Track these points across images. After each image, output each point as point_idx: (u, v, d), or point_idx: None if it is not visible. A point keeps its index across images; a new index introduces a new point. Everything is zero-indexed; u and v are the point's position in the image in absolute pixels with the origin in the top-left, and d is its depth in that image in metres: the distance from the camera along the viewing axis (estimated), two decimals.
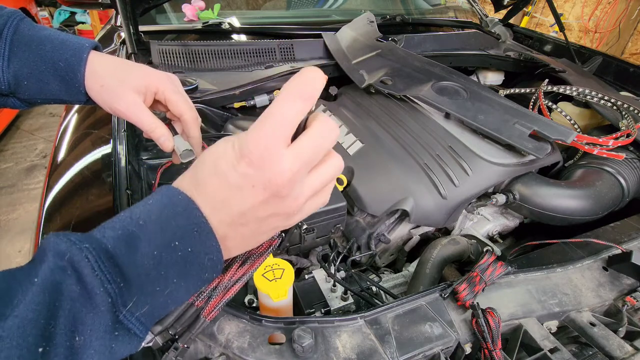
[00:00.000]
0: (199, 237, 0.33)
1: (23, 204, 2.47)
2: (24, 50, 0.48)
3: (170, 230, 0.32)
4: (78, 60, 0.50)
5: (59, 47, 0.50)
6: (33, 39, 0.49)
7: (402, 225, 0.94)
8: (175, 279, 0.33)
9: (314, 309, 0.73)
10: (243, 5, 1.71)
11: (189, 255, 0.33)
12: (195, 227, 0.33)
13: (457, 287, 0.61)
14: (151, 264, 0.31)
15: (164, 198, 0.34)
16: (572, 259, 0.73)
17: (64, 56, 0.50)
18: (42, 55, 0.49)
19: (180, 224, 0.32)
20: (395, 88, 1.09)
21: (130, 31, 1.13)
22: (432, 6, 2.06)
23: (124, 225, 0.32)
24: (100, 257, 0.30)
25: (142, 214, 0.33)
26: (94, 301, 0.29)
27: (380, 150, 0.97)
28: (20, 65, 0.48)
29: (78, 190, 0.76)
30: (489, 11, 1.97)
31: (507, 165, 0.91)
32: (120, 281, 0.30)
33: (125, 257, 0.31)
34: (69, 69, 0.50)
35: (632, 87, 1.41)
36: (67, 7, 4.73)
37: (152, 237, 0.32)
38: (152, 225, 0.32)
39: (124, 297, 0.31)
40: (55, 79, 0.50)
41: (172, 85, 0.55)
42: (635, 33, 3.89)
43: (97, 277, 0.29)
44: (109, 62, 0.52)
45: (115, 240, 0.31)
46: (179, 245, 0.32)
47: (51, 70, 0.49)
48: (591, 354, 0.60)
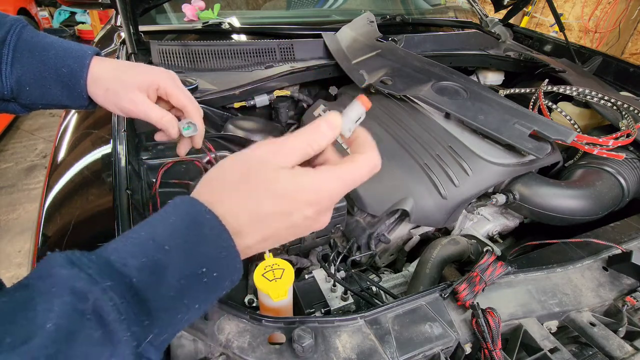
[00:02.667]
0: (225, 262, 0.32)
1: (23, 204, 2.47)
2: (27, 56, 0.49)
3: (197, 257, 0.30)
4: (80, 67, 0.51)
5: (62, 53, 0.51)
6: (36, 46, 0.50)
7: (402, 225, 0.94)
8: (197, 304, 0.31)
9: (314, 309, 0.73)
10: (243, 5, 1.71)
11: (214, 280, 0.31)
12: (223, 251, 0.31)
13: (457, 287, 0.61)
14: (176, 295, 0.29)
15: (188, 216, 0.31)
16: (572, 259, 0.73)
17: (67, 62, 0.50)
18: (45, 61, 0.50)
19: (209, 250, 0.31)
20: (395, 88, 1.09)
21: (130, 31, 1.13)
22: (432, 6, 2.06)
23: (147, 252, 0.29)
24: (125, 297, 0.27)
25: (165, 237, 0.30)
26: (117, 347, 0.27)
27: (380, 150, 0.96)
28: (23, 70, 0.49)
29: (78, 190, 0.76)
30: (489, 11, 1.97)
31: (507, 165, 0.91)
32: (146, 319, 0.28)
33: (150, 290, 0.28)
34: (71, 75, 0.51)
35: (632, 87, 1.40)
36: (67, 7, 4.73)
37: (178, 265, 0.29)
38: (178, 252, 0.30)
39: (147, 332, 0.28)
40: (58, 85, 0.51)
41: (171, 81, 0.57)
42: (635, 33, 3.89)
43: (123, 322, 0.27)
44: (110, 66, 0.53)
45: (139, 272, 0.28)
46: (205, 272, 0.30)
47: (54, 76, 0.50)
48: (591, 354, 0.60)
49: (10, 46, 0.48)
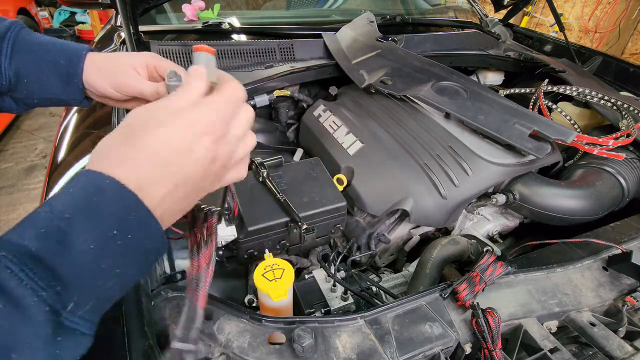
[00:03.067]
0: (136, 222, 0.31)
1: (23, 204, 2.47)
2: (25, 50, 0.52)
3: (103, 221, 0.29)
4: (78, 57, 0.54)
5: (60, 48, 0.54)
6: (34, 42, 0.53)
7: (402, 225, 0.94)
8: (118, 269, 0.30)
9: (314, 309, 0.73)
10: (243, 5, 1.71)
11: (130, 242, 0.30)
12: (131, 212, 0.30)
13: (457, 287, 0.61)
14: (89, 259, 0.28)
15: (88, 185, 0.30)
16: (572, 259, 0.73)
17: (65, 54, 0.53)
18: (43, 55, 0.52)
19: (113, 211, 0.30)
20: (395, 88, 1.09)
21: (130, 31, 1.13)
22: (432, 6, 2.06)
23: (47, 222, 0.28)
24: (25, 264, 0.26)
25: (64, 206, 0.29)
26: (27, 314, 0.26)
27: (380, 150, 0.97)
28: (22, 63, 0.51)
29: None
30: (489, 11, 1.97)
31: (507, 165, 0.91)
32: (56, 284, 0.27)
33: (57, 256, 0.27)
34: (69, 66, 0.53)
35: (632, 87, 1.40)
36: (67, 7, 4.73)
37: (84, 231, 0.29)
38: (81, 218, 0.29)
39: (63, 300, 0.27)
40: (55, 76, 0.53)
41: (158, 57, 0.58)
42: (635, 33, 3.89)
43: (26, 287, 0.26)
44: (104, 54, 0.57)
45: (38, 241, 0.27)
46: (117, 234, 0.29)
47: (52, 67, 0.52)
48: (591, 354, 0.60)
49: (10, 41, 0.50)
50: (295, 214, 0.78)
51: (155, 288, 0.58)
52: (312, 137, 1.13)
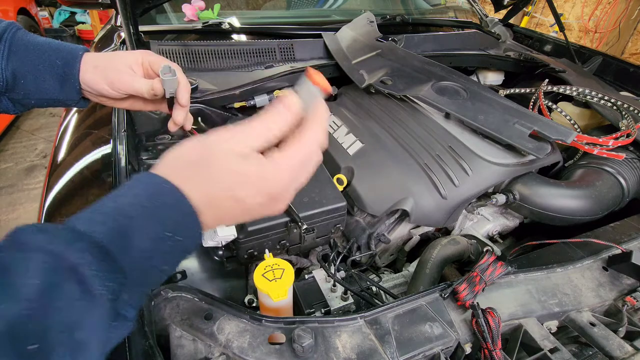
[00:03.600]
0: (187, 227, 0.34)
1: (23, 204, 2.47)
2: (22, 50, 0.52)
3: (161, 223, 0.33)
4: (74, 57, 0.54)
5: (56, 48, 0.54)
6: (31, 43, 0.53)
7: (402, 225, 0.94)
8: (165, 266, 0.34)
9: (314, 309, 0.73)
10: (243, 5, 1.71)
11: (179, 243, 0.34)
12: (186, 217, 0.34)
13: (457, 287, 0.61)
14: (146, 256, 0.32)
15: (150, 187, 0.34)
16: (572, 259, 0.73)
17: (61, 54, 0.54)
18: (40, 55, 0.53)
19: (171, 215, 0.33)
20: (395, 88, 1.09)
21: (130, 31, 1.13)
22: (432, 6, 2.06)
23: (114, 220, 0.31)
24: (97, 257, 0.29)
25: (129, 205, 0.33)
26: (95, 301, 0.29)
27: (380, 150, 0.97)
28: (19, 63, 0.52)
29: (78, 190, 0.76)
30: (489, 11, 1.97)
31: (507, 165, 0.91)
32: (120, 276, 0.30)
33: (120, 251, 0.31)
34: (65, 66, 0.54)
35: (632, 87, 1.40)
36: (67, 7, 4.73)
37: (145, 230, 0.32)
38: (143, 218, 0.32)
39: (123, 291, 0.31)
40: (52, 77, 0.54)
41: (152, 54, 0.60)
42: (635, 33, 3.89)
43: (97, 277, 0.29)
44: (100, 54, 0.58)
45: (107, 236, 0.31)
46: (171, 236, 0.33)
47: (48, 68, 0.53)
48: (591, 354, 0.60)
49: (7, 42, 0.51)
50: (295, 214, 0.78)
51: (155, 288, 0.59)
52: None
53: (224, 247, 0.82)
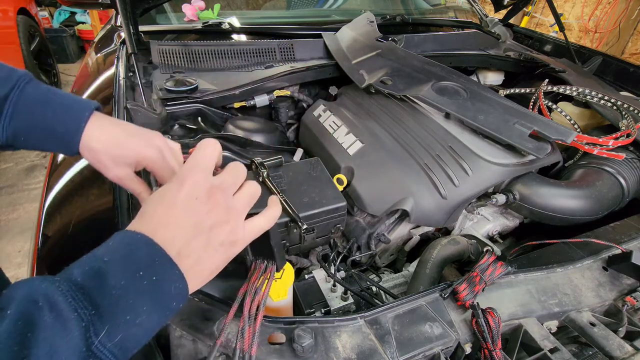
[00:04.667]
0: (161, 266, 0.36)
1: (23, 204, 2.47)
2: (26, 112, 0.51)
3: (133, 262, 0.35)
4: (76, 129, 0.54)
5: (61, 112, 0.53)
6: (37, 102, 0.52)
7: (402, 225, 0.94)
8: (144, 306, 0.35)
9: (314, 309, 0.73)
10: (243, 5, 1.71)
11: (155, 284, 0.35)
12: (156, 257, 0.37)
13: (457, 287, 0.61)
14: (120, 293, 0.33)
15: (124, 238, 0.38)
16: (572, 259, 0.73)
17: (64, 121, 0.53)
18: (43, 118, 0.52)
19: (142, 256, 0.36)
20: (395, 88, 1.09)
21: (130, 31, 1.13)
22: (432, 6, 2.06)
23: (90, 263, 0.35)
24: (71, 287, 0.32)
25: (104, 253, 0.36)
26: (68, 327, 0.30)
27: (380, 150, 0.97)
28: (21, 125, 0.51)
29: (78, 190, 0.76)
30: (489, 11, 1.97)
31: (507, 165, 0.91)
32: (92, 308, 0.32)
33: (95, 288, 0.33)
34: (66, 134, 0.53)
35: (632, 87, 1.41)
36: (67, 7, 4.73)
37: (118, 270, 0.34)
38: (117, 261, 0.35)
39: (96, 325, 0.32)
40: (53, 141, 0.54)
41: (160, 162, 0.60)
42: (635, 33, 3.89)
43: (70, 304, 0.31)
44: (105, 139, 0.56)
45: (83, 275, 0.34)
46: (143, 274, 0.35)
47: (50, 133, 0.53)
48: (591, 354, 0.60)
49: (12, 102, 0.50)
50: (295, 214, 0.78)
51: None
52: (312, 137, 1.13)
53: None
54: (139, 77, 1.05)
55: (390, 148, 0.97)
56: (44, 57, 3.67)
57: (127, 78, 1.06)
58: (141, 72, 1.12)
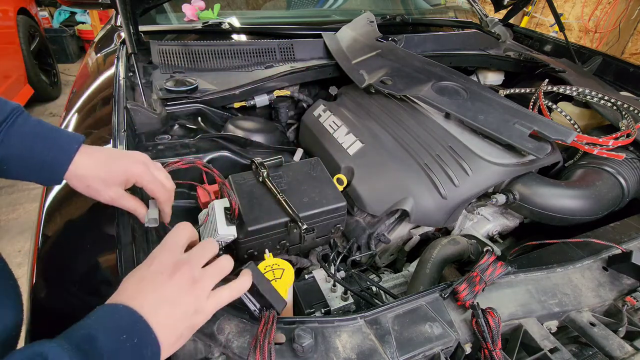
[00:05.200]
0: (140, 331, 0.42)
1: (23, 204, 2.47)
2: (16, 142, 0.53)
3: (118, 329, 0.41)
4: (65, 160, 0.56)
5: (49, 144, 0.55)
6: (27, 135, 0.54)
7: (402, 225, 0.94)
8: None
9: (314, 309, 0.73)
10: (243, 5, 1.71)
11: (136, 346, 0.40)
12: (137, 322, 0.42)
13: (457, 287, 0.61)
14: (109, 355, 0.39)
15: (106, 309, 0.43)
16: (572, 259, 0.73)
17: (52, 153, 0.55)
18: (32, 148, 0.54)
19: (125, 323, 0.41)
20: (395, 88, 1.09)
21: (130, 31, 1.13)
22: (432, 6, 2.06)
23: (82, 329, 0.40)
24: (72, 347, 0.37)
25: (92, 322, 0.41)
26: None
27: (380, 150, 0.97)
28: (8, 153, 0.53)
29: None
30: (489, 11, 1.97)
31: (507, 165, 0.91)
32: None
33: (90, 350, 0.38)
34: (54, 165, 0.56)
35: (632, 87, 1.41)
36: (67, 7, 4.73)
37: (106, 335, 0.40)
38: (104, 328, 0.40)
39: None
40: (38, 171, 0.56)
41: (148, 175, 0.62)
42: (635, 33, 3.89)
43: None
44: (93, 164, 0.58)
45: (78, 339, 0.39)
46: (126, 338, 0.40)
47: (38, 164, 0.55)
48: (591, 354, 0.60)
49: (2, 132, 0.52)
50: (295, 214, 0.78)
51: None
52: (312, 137, 1.13)
53: (224, 248, 0.82)
54: (139, 77, 1.05)
55: (390, 148, 0.97)
56: (44, 57, 3.66)
57: (127, 78, 1.06)
58: (141, 72, 1.12)
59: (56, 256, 0.64)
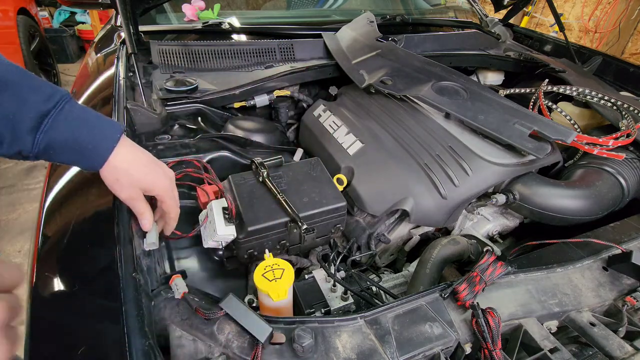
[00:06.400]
0: None
1: (23, 204, 2.47)
2: (62, 128, 0.53)
3: None
4: (107, 148, 0.57)
5: (95, 131, 0.57)
6: (73, 120, 0.55)
7: (402, 225, 0.94)
8: None
9: (314, 309, 0.73)
10: (243, 5, 1.71)
11: None
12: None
13: (457, 287, 0.61)
14: None
15: None
16: (572, 259, 0.73)
17: (96, 139, 0.56)
18: (76, 136, 0.54)
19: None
20: (395, 88, 1.09)
21: (130, 31, 1.13)
22: (432, 6, 2.06)
23: None
24: None
25: None
26: None
27: (380, 150, 0.97)
28: (55, 140, 0.53)
29: (78, 190, 0.76)
30: (489, 11, 1.97)
31: (507, 165, 0.91)
32: None
33: None
34: (95, 151, 0.56)
35: (632, 87, 1.41)
36: (67, 7, 4.73)
37: None
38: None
39: None
40: (80, 156, 0.56)
41: (170, 192, 0.65)
42: (635, 33, 3.89)
43: None
44: (131, 160, 0.60)
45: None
46: None
47: (80, 150, 0.55)
48: (591, 354, 0.60)
49: (52, 118, 0.52)
50: (295, 214, 0.78)
51: (156, 288, 0.59)
52: (312, 137, 1.13)
53: (224, 248, 0.82)
54: (139, 77, 1.05)
55: (390, 148, 0.97)
56: (44, 57, 3.66)
57: (127, 78, 1.06)
58: (141, 72, 1.12)
59: (56, 256, 0.64)
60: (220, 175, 0.89)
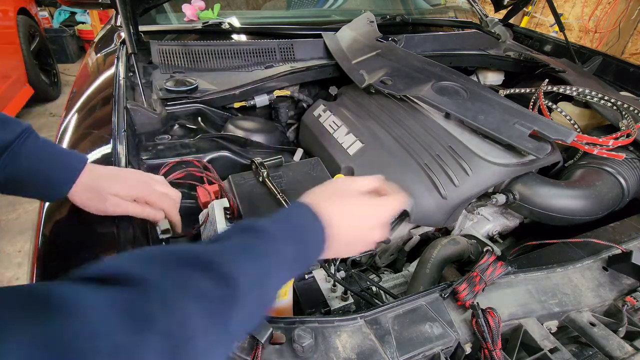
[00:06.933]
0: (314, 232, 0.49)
1: (23, 204, 2.47)
2: (23, 162, 0.54)
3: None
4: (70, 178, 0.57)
5: (56, 165, 0.57)
6: (34, 155, 0.55)
7: (402, 225, 0.94)
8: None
9: (314, 309, 0.73)
10: (243, 5, 1.71)
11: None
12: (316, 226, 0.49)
13: (457, 287, 0.61)
14: None
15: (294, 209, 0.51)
16: (572, 259, 0.73)
17: (57, 174, 0.57)
18: (38, 169, 0.55)
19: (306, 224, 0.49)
20: (395, 88, 1.09)
21: (130, 31, 1.13)
22: (432, 6, 2.06)
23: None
24: None
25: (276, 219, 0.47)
26: None
27: (380, 150, 0.97)
28: (15, 172, 0.53)
29: None
30: (489, 11, 1.97)
31: (507, 165, 0.91)
32: None
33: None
34: (58, 183, 0.57)
35: (632, 87, 1.40)
36: (67, 7, 4.73)
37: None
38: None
39: None
40: (43, 188, 0.57)
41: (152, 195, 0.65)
42: (635, 33, 3.89)
43: None
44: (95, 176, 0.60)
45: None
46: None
47: (42, 182, 0.56)
48: (591, 354, 0.60)
49: (12, 151, 0.53)
50: None
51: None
52: (312, 137, 1.13)
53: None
54: (139, 77, 1.05)
55: (390, 148, 0.97)
56: (44, 57, 3.67)
57: (127, 78, 1.06)
58: (141, 72, 1.12)
59: (56, 256, 0.64)
60: (221, 175, 0.89)
